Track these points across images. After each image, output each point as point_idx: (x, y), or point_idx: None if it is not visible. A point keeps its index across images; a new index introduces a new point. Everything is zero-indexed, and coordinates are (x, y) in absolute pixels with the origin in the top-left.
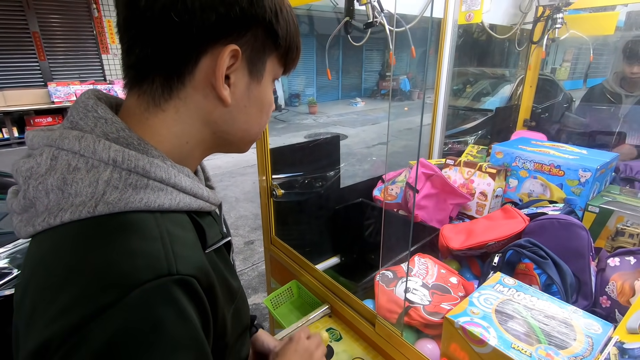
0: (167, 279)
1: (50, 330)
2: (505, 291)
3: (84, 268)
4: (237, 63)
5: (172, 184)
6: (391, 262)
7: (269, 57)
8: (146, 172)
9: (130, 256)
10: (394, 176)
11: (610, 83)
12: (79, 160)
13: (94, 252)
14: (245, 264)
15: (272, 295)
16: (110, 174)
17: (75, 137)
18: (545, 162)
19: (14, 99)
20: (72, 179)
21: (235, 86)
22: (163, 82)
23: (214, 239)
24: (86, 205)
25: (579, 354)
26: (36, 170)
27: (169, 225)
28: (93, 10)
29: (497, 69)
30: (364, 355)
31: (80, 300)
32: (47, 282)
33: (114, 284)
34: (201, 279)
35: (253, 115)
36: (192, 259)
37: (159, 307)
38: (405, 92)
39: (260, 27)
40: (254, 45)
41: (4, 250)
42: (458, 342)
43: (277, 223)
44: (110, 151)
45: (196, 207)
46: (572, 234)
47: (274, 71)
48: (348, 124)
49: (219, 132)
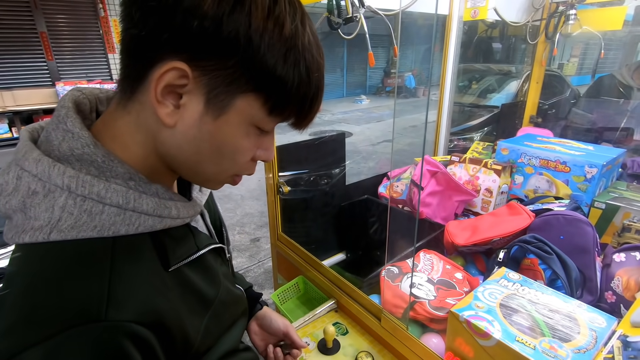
0: (95, 325)
1: None
2: (509, 286)
3: (23, 299)
4: (189, 85)
5: (130, 209)
6: (397, 258)
7: (241, 95)
8: (101, 197)
9: (63, 296)
10: (399, 173)
11: (623, 74)
12: (37, 184)
13: (34, 285)
14: (251, 261)
15: (279, 291)
16: (65, 200)
17: (34, 159)
18: (551, 158)
19: (23, 98)
20: (30, 202)
21: (185, 109)
22: (130, 80)
23: (183, 255)
24: (42, 231)
25: (582, 346)
26: (5, 188)
27: (119, 257)
28: (99, 10)
29: (503, 65)
30: (370, 349)
31: (13, 331)
32: (4, 298)
33: (39, 324)
34: (143, 320)
35: (205, 153)
36: (134, 299)
37: (80, 354)
38: (411, 89)
39: (229, 56)
40: (215, 73)
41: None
42: (463, 336)
43: (284, 220)
44: (64, 177)
45: (160, 227)
46: (578, 230)
47: (251, 115)
48: (353, 122)
49: (168, 155)
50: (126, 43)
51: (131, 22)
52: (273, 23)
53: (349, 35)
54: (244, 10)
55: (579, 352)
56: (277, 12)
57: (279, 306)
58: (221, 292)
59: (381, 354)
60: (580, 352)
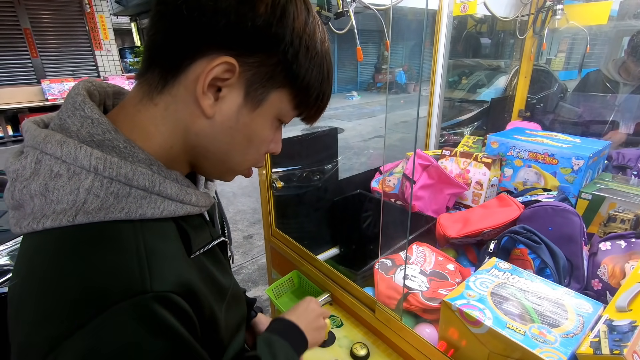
0: (140, 298)
1: (29, 343)
2: (500, 275)
3: (58, 284)
4: (232, 79)
5: (156, 192)
6: (390, 251)
7: (276, 90)
8: (128, 180)
9: (103, 274)
10: (391, 167)
11: (609, 70)
12: (60, 166)
13: (68, 267)
14: (244, 257)
15: (273, 286)
16: (91, 182)
17: (57, 142)
18: (540, 151)
19: (7, 96)
20: (53, 185)
21: (224, 101)
22: (160, 73)
23: (201, 243)
24: (67, 214)
25: (570, 331)
26: (21, 173)
27: (149, 236)
28: (85, 6)
29: (493, 61)
30: (365, 340)
31: (52, 318)
32: (27, 289)
33: (84, 304)
34: (179, 291)
35: (237, 142)
36: (169, 272)
37: (131, 328)
38: (402, 85)
39: (273, 54)
40: (258, 69)
41: (5, 247)
42: (455, 325)
43: (277, 216)
44: (91, 158)
45: (182, 213)
46: (565, 220)
47: (280, 109)
48: (344, 118)
49: (199, 146)
50: (160, 38)
51: (174, 18)
52: (308, 30)
53: (340, 30)
54: (290, 17)
55: (567, 336)
56: (310, 21)
57: (274, 300)
58: (232, 284)
59: (376, 344)
60: (568, 337)
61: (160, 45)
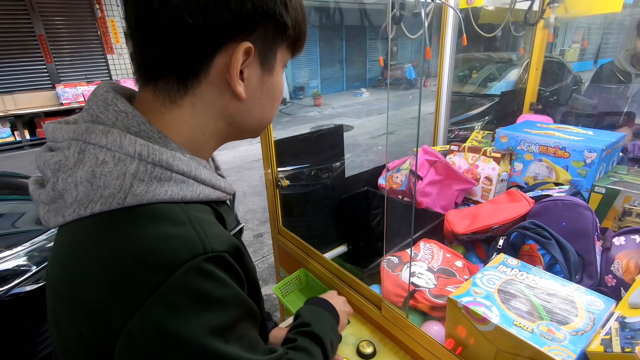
0: (204, 257)
1: (107, 308)
2: (508, 271)
3: (125, 254)
4: (250, 58)
5: (193, 177)
6: (397, 248)
7: (280, 47)
8: (169, 165)
9: (166, 240)
10: (399, 164)
11: (620, 61)
12: (106, 154)
13: (131, 239)
14: (255, 256)
15: (281, 284)
16: (136, 167)
17: (101, 131)
18: (551, 144)
19: (24, 102)
20: (100, 172)
21: (249, 80)
22: (178, 80)
23: (231, 225)
24: (115, 197)
25: (580, 328)
26: (65, 164)
27: (195, 212)
28: (96, 11)
29: (504, 54)
30: (371, 337)
31: (129, 285)
32: (91, 268)
33: (156, 266)
34: (232, 253)
35: (266, 105)
36: (222, 236)
37: (202, 282)
38: (411, 81)
39: (271, 20)
40: (265, 38)
41: (22, 248)
42: (462, 322)
43: (285, 214)
44: (136, 145)
45: (215, 198)
46: (577, 215)
47: (283, 59)
48: (353, 115)
49: (235, 123)
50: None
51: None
52: None
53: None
54: None
55: (577, 334)
56: None
57: (281, 299)
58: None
59: (382, 342)
60: (577, 334)
61: (171, 57)
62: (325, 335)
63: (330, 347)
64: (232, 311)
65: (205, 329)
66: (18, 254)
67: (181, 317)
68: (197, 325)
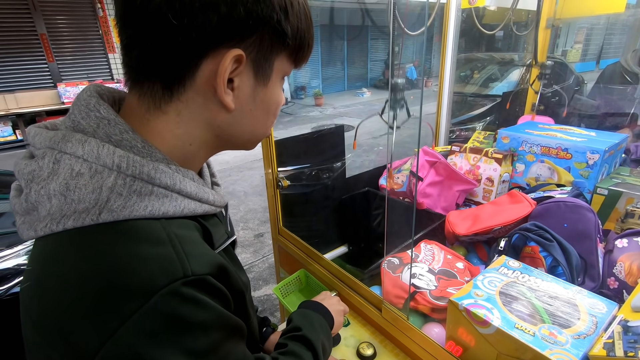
0: (183, 281)
1: (78, 337)
2: (509, 274)
3: (98, 276)
4: (241, 67)
5: (177, 190)
6: (397, 249)
7: (278, 57)
8: (151, 178)
9: (143, 261)
10: (400, 165)
11: (628, 62)
12: (82, 165)
13: (105, 259)
14: (255, 256)
15: (281, 284)
16: (114, 180)
17: (78, 140)
18: (552, 145)
19: (26, 101)
20: (75, 184)
21: (240, 90)
22: (163, 85)
23: (219, 240)
24: (89, 213)
25: (582, 332)
26: (38, 174)
27: (177, 230)
28: (98, 10)
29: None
30: (372, 339)
31: (102, 311)
32: (62, 289)
33: (132, 291)
34: (216, 273)
35: (259, 118)
36: (205, 256)
37: (180, 308)
38: (412, 81)
39: (267, 27)
40: (260, 46)
41: (23, 247)
42: (463, 325)
43: (285, 214)
44: (114, 157)
45: (201, 212)
46: (579, 216)
47: (283, 70)
48: (355, 115)
49: (223, 135)
50: (151, 53)
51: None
52: None
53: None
54: None
55: (579, 337)
56: None
57: (281, 299)
58: (248, 282)
59: (382, 344)
60: (580, 338)
61: (155, 60)
62: (317, 339)
63: (322, 350)
64: (214, 334)
65: (185, 355)
66: (18, 253)
67: (158, 345)
68: (177, 351)
